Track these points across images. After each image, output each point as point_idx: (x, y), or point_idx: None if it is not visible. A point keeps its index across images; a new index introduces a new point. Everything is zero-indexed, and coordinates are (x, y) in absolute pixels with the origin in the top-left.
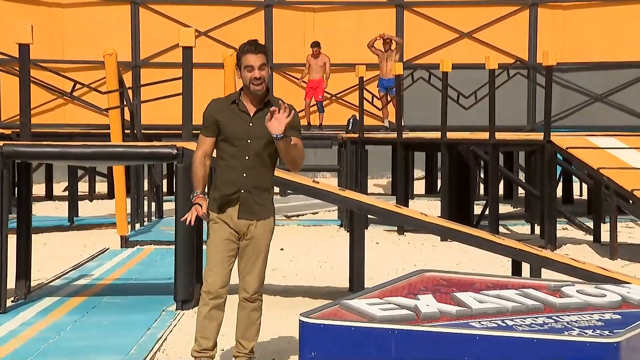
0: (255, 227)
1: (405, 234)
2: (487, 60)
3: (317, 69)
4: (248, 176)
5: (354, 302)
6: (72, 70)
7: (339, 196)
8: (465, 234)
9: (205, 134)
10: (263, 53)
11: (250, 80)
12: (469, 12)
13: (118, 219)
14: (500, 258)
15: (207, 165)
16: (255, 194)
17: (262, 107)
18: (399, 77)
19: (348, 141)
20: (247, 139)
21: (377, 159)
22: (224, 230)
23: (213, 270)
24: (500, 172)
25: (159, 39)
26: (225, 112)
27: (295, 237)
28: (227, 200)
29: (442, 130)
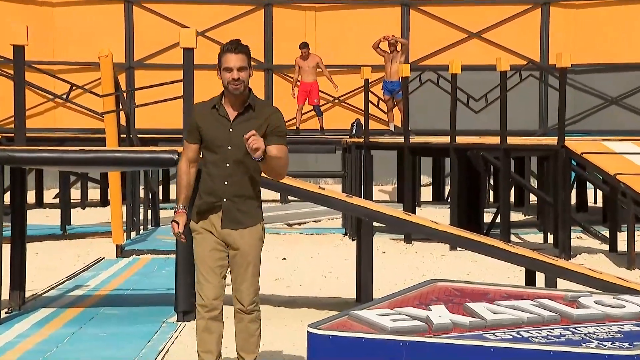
0: (241, 237)
1: (412, 242)
2: (498, 62)
3: (309, 71)
4: (230, 184)
5: (363, 312)
6: (63, 71)
7: (347, 203)
8: (478, 243)
9: (188, 140)
10: (244, 54)
11: (229, 81)
12: (478, 11)
13: (113, 227)
14: (512, 268)
15: (192, 174)
16: (238, 202)
17: (242, 111)
18: (405, 79)
19: (353, 146)
20: (228, 146)
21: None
22: (208, 241)
23: (204, 283)
24: (511, 178)
25: (154, 39)
26: (206, 117)
27: (297, 246)
28: (209, 209)
29: (451, 134)
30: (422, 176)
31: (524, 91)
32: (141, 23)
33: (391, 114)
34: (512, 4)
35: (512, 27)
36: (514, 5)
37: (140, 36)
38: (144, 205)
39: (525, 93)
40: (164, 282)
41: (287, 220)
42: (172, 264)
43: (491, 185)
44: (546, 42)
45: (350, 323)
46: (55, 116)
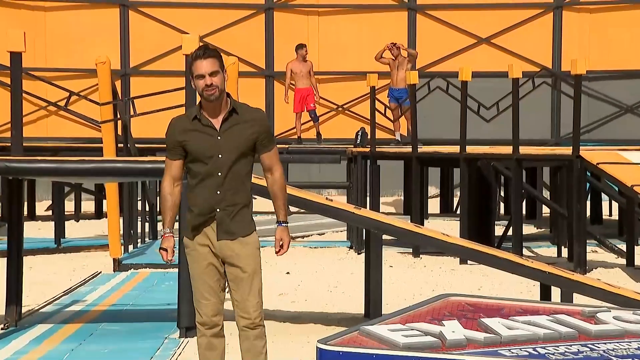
0: (238, 247)
1: (421, 256)
2: (510, 69)
3: (305, 76)
4: (222, 193)
5: (374, 328)
6: (56, 78)
7: (356, 215)
8: (492, 256)
9: (170, 157)
10: (214, 57)
11: (203, 88)
12: (487, 15)
13: (111, 240)
14: (525, 282)
15: (177, 193)
16: (232, 211)
17: (227, 116)
18: (413, 87)
19: (359, 156)
20: (218, 154)
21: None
22: (203, 257)
23: (203, 301)
24: (524, 189)
25: (150, 45)
26: (188, 131)
27: (301, 259)
28: (203, 222)
29: (462, 144)
30: (429, 187)
31: (535, 99)
32: (137, 28)
33: (397, 123)
34: (523, 8)
35: (523, 32)
36: (525, 10)
37: (136, 42)
38: (141, 218)
39: (537, 101)
40: (164, 297)
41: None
42: (171, 278)
43: (501, 196)
44: (559, 48)
45: (361, 339)
46: (48, 125)
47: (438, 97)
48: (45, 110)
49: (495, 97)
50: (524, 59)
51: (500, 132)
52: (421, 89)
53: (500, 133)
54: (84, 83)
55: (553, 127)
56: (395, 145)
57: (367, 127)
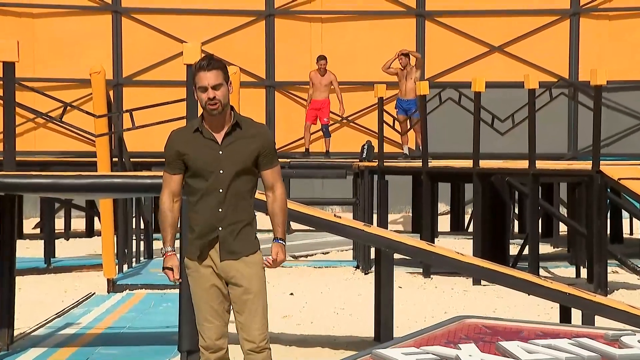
0: (242, 267)
1: (432, 276)
2: (526, 79)
3: (323, 88)
4: (224, 211)
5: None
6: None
7: (366, 233)
8: (510, 277)
9: (169, 171)
10: (218, 69)
11: (205, 102)
12: (500, 22)
13: (105, 259)
14: (542, 304)
15: (176, 209)
16: (235, 229)
17: (230, 130)
18: (423, 98)
19: (366, 170)
20: (219, 170)
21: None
22: (206, 278)
23: (206, 324)
24: (540, 206)
25: (144, 53)
26: (189, 144)
27: (305, 280)
28: (205, 241)
29: (474, 158)
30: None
31: (552, 111)
32: (130, 36)
33: (405, 136)
34: (538, 15)
35: (538, 40)
36: (541, 16)
37: (129, 50)
38: (136, 236)
39: (554, 113)
40: (162, 319)
41: (293, 252)
42: (169, 299)
43: (516, 214)
44: (576, 57)
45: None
46: (36, 138)
47: (450, 108)
48: (33, 123)
49: (510, 109)
50: (540, 69)
51: (516, 145)
52: (432, 100)
53: (515, 147)
54: (75, 94)
55: (570, 140)
56: (403, 159)
57: (374, 140)
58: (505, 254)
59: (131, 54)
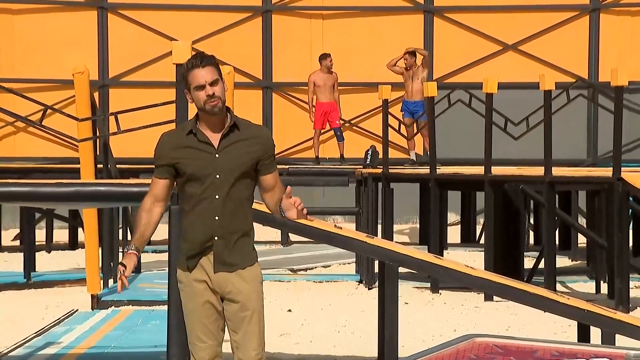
0: (238, 281)
1: (440, 291)
2: (541, 79)
3: (328, 89)
4: (221, 219)
5: None
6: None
7: (369, 245)
8: (524, 292)
9: (157, 175)
10: (212, 65)
11: (204, 100)
12: (514, 19)
13: (88, 273)
14: (558, 322)
15: (155, 214)
16: (231, 239)
17: (226, 132)
18: (431, 100)
19: (369, 177)
20: (215, 174)
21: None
22: (199, 294)
23: (198, 344)
24: (557, 216)
25: (132, 52)
26: (182, 147)
27: (304, 295)
28: (199, 252)
29: (486, 164)
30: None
31: (569, 113)
32: (117, 33)
33: (412, 141)
34: (555, 11)
35: (555, 38)
36: (558, 12)
37: (116, 49)
38: (122, 248)
39: (571, 116)
40: (150, 338)
41: (291, 265)
42: (158, 316)
43: (531, 224)
44: (595, 56)
45: None
46: (16, 143)
47: (459, 111)
48: (12, 127)
49: (525, 112)
50: (557, 68)
51: (530, 151)
52: (440, 101)
53: (530, 152)
54: (58, 95)
55: (590, 145)
56: (410, 165)
57: (378, 145)
58: (519, 268)
59: (118, 53)
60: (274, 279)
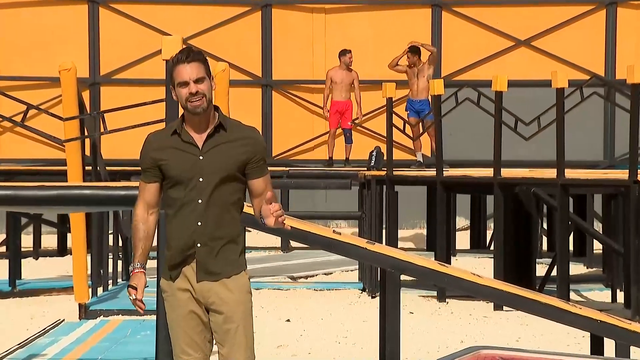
0: (223, 291)
1: (447, 300)
2: (553, 76)
3: (345, 87)
4: (204, 224)
5: None
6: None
7: (369, 252)
8: (533, 302)
9: (145, 179)
10: (199, 61)
11: (187, 98)
12: (527, 13)
13: (76, 281)
14: (572, 333)
15: (151, 222)
16: (215, 246)
17: (212, 132)
18: (438, 98)
19: (373, 180)
20: (199, 177)
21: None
22: (183, 304)
23: (183, 356)
24: (571, 221)
25: (124, 48)
26: (166, 148)
27: (304, 304)
28: (182, 260)
29: (495, 166)
30: (458, 218)
31: (584, 113)
32: (109, 29)
33: (418, 141)
34: (569, 4)
35: (570, 33)
36: (572, 6)
37: (107, 45)
38: (113, 255)
39: (586, 115)
40: (139, 350)
41: (291, 272)
42: (148, 327)
43: (544, 229)
44: (612, 51)
45: None
46: (1, 144)
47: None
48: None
49: (536, 111)
50: (571, 65)
51: (542, 152)
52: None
53: (542, 153)
54: (45, 94)
55: (606, 146)
56: (416, 167)
57: (383, 146)
58: (531, 275)
59: (110, 49)
60: (273, 287)
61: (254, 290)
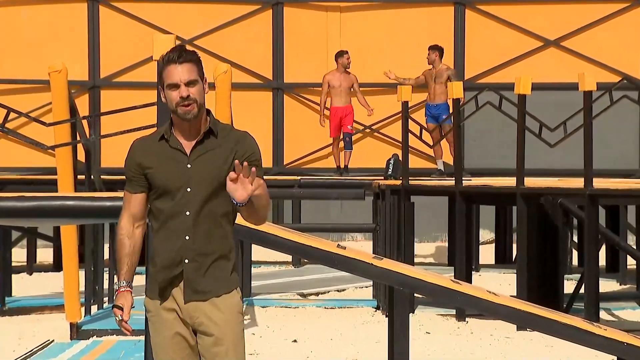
0: (212, 311)
1: (467, 319)
2: (580, 79)
3: (345, 92)
4: (192, 239)
5: None
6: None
7: (374, 267)
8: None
9: (130, 189)
10: (191, 62)
11: (176, 102)
12: (556, 11)
13: (67, 299)
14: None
15: (137, 236)
16: (204, 263)
17: (202, 139)
18: (457, 102)
19: (387, 190)
20: (186, 187)
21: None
22: (169, 325)
23: None
24: (601, 234)
25: (126, 50)
26: (152, 155)
27: (313, 323)
28: (168, 278)
29: (518, 175)
30: (482, 230)
31: (618, 118)
32: (110, 28)
33: (439, 148)
34: (602, 2)
35: (602, 33)
36: (605, 4)
37: (108, 46)
38: (108, 270)
39: (621, 120)
40: None
41: (301, 288)
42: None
43: (574, 243)
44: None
45: None
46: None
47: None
48: None
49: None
50: (604, 67)
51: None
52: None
53: (569, 161)
54: (41, 98)
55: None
56: (437, 176)
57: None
58: (558, 293)
59: (111, 50)
60: (280, 304)
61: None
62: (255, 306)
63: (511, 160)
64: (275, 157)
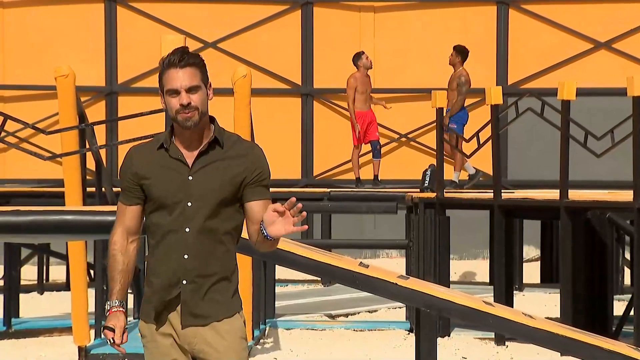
0: (212, 337)
1: (506, 344)
2: (629, 83)
3: (369, 96)
4: (191, 258)
5: None
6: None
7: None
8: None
9: (124, 200)
10: (194, 67)
11: (176, 109)
12: (607, 11)
13: (75, 321)
14: None
15: (131, 252)
16: (203, 284)
17: (205, 149)
18: (495, 108)
19: (421, 203)
20: (187, 201)
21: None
22: (165, 351)
23: None
24: None
25: (145, 53)
26: (151, 164)
27: (340, 347)
28: (163, 300)
29: (562, 188)
30: (526, 247)
31: None
32: (128, 31)
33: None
34: None
35: None
36: None
37: (126, 49)
38: None
39: None
40: None
41: (330, 309)
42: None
43: (627, 260)
44: None
45: None
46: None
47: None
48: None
49: (611, 123)
50: None
51: (618, 171)
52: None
53: (617, 172)
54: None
55: None
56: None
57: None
58: (607, 315)
59: (129, 54)
60: (306, 326)
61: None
62: (278, 328)
63: (551, 171)
64: (304, 168)
